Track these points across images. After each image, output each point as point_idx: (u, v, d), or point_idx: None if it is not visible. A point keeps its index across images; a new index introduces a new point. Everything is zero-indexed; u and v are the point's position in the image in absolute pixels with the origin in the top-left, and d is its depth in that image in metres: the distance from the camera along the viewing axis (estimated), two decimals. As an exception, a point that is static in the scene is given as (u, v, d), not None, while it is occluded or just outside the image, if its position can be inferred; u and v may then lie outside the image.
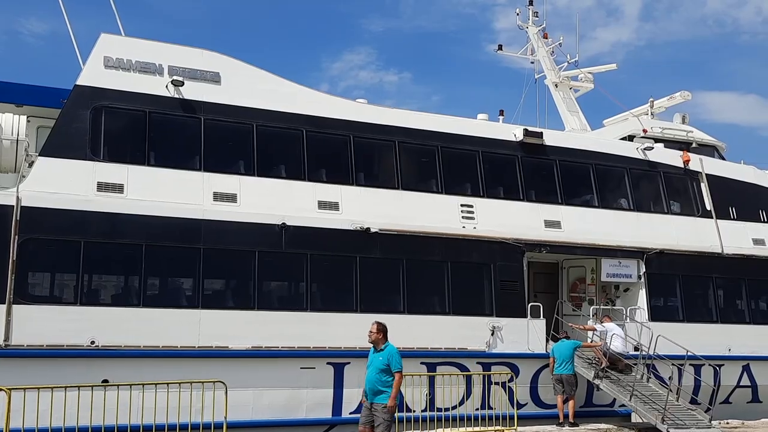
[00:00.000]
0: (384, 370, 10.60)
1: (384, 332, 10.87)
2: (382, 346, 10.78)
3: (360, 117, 18.07)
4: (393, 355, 10.67)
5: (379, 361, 10.68)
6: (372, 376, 10.68)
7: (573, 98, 24.76)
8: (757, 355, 20.64)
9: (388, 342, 10.86)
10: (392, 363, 10.60)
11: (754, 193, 22.85)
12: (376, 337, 10.82)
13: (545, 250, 19.14)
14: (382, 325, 10.91)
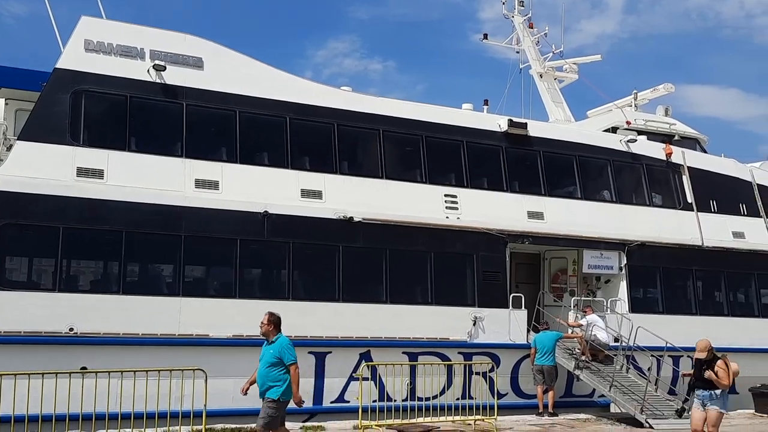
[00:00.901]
0: (275, 364, 9.83)
1: (276, 324, 10.07)
2: (273, 338, 9.97)
3: (344, 105, 17.96)
4: (285, 347, 9.86)
5: (269, 354, 9.90)
6: (262, 371, 9.92)
7: (557, 89, 24.80)
8: (735, 346, 20.78)
9: (280, 334, 10.06)
10: (284, 356, 9.82)
11: (735, 187, 23.02)
12: (267, 329, 10.01)
13: (528, 241, 19.18)
14: (275, 316, 10.13)
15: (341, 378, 16.30)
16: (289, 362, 9.80)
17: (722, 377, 10.68)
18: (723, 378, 10.68)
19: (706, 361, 10.81)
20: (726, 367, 10.73)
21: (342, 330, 16.40)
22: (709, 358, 10.86)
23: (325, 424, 14.25)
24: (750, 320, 21.63)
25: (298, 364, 9.91)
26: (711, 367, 10.72)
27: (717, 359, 10.82)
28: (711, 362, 10.79)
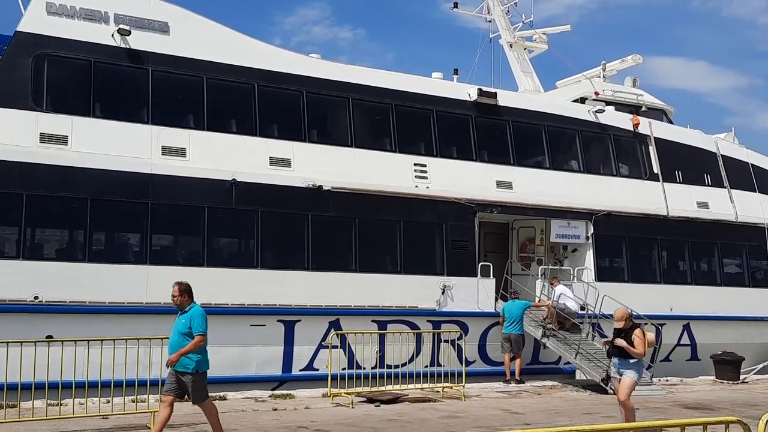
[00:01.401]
0: (187, 334, 9.35)
1: (188, 293, 9.59)
2: (187, 308, 9.53)
3: (313, 72, 17.79)
4: (195, 316, 9.38)
5: (182, 324, 9.43)
6: (173, 341, 9.45)
7: (527, 59, 24.82)
8: (698, 314, 21.27)
9: (194, 303, 9.61)
10: (194, 325, 9.32)
11: (700, 158, 23.33)
12: (180, 300, 9.52)
13: (496, 211, 19.29)
14: (185, 285, 9.63)
15: (310, 346, 16.34)
16: (196, 332, 9.30)
17: (637, 346, 10.58)
18: (638, 347, 10.58)
19: (624, 330, 10.72)
20: (642, 337, 10.66)
21: (311, 299, 16.42)
22: (627, 327, 10.76)
23: (294, 392, 14.29)
24: (712, 289, 22.05)
25: (205, 337, 9.38)
26: (628, 336, 10.63)
27: (635, 328, 10.74)
28: (629, 331, 10.70)
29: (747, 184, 23.76)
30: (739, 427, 5.39)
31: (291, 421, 11.77)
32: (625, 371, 10.70)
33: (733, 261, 23.02)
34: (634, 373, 10.69)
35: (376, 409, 13.21)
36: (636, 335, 10.61)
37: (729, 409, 13.83)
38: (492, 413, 13.10)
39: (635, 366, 10.70)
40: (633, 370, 10.68)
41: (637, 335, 10.61)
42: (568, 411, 13.59)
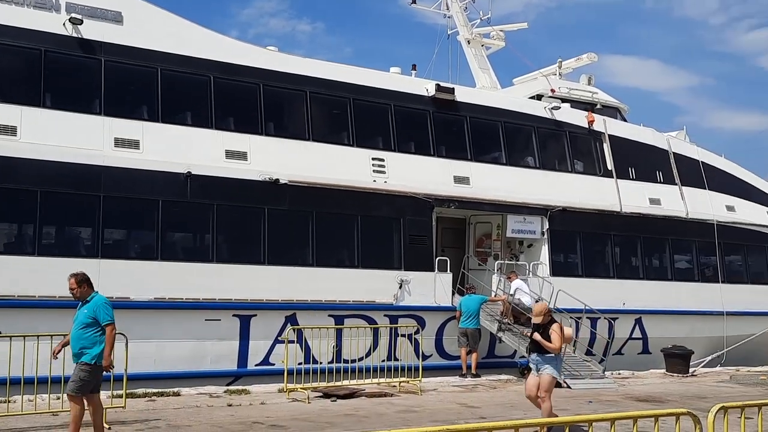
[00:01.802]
0: (90, 324, 8.95)
1: (87, 282, 9.17)
2: (88, 298, 9.12)
3: (270, 65, 17.63)
4: (100, 305, 9.00)
5: (83, 314, 9.01)
6: (75, 333, 8.99)
7: (484, 55, 24.93)
8: (649, 309, 21.67)
9: (96, 292, 9.21)
10: (99, 315, 8.95)
11: (652, 155, 23.75)
12: (79, 292, 9.10)
13: (454, 206, 19.37)
14: (81, 275, 9.21)
15: (266, 341, 16.22)
16: (105, 322, 8.93)
17: (554, 341, 10.38)
18: (554, 342, 10.38)
19: (542, 326, 10.57)
20: (559, 332, 10.46)
21: (267, 293, 16.29)
22: (546, 322, 10.60)
23: (249, 388, 14.16)
24: (664, 284, 22.48)
25: (115, 325, 9.05)
26: (546, 331, 10.46)
27: (554, 323, 10.61)
28: (547, 326, 10.53)
29: (697, 181, 24.26)
30: (689, 419, 5.48)
31: (246, 416, 11.66)
32: (542, 367, 10.53)
33: (684, 257, 23.50)
34: (552, 369, 10.54)
35: (332, 404, 13.16)
36: (553, 330, 10.48)
37: (679, 401, 14.10)
38: (448, 407, 13.15)
39: (553, 362, 10.58)
40: (551, 365, 10.54)
41: (554, 330, 10.47)
42: (523, 404, 13.65)
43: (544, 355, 10.52)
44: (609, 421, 5.41)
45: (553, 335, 10.43)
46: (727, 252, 24.10)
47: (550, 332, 10.47)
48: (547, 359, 10.53)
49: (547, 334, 10.47)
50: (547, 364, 10.51)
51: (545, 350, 10.48)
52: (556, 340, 10.40)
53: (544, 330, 10.53)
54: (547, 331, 10.49)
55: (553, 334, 10.44)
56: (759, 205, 25.72)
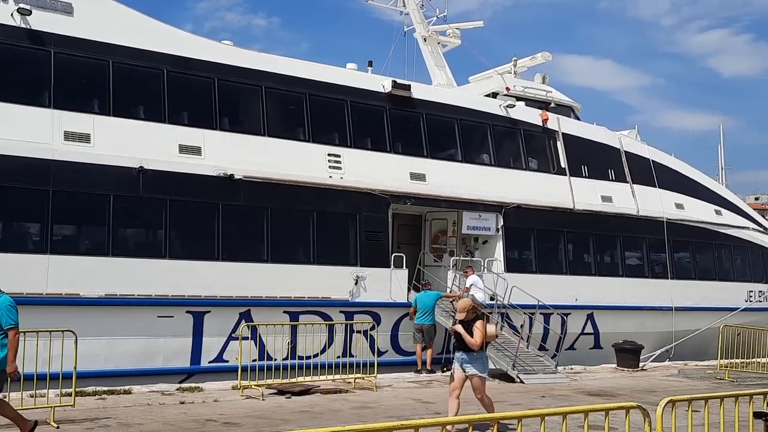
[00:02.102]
0: None
1: None
2: None
3: (225, 59, 17.45)
4: (3, 308, 8.47)
5: None
6: None
7: (441, 53, 25.05)
8: (601, 304, 22.04)
9: (1, 292, 8.77)
10: (2, 318, 8.44)
11: (604, 153, 24.15)
12: None
13: (410, 202, 19.44)
14: None
15: (220, 338, 16.07)
16: (7, 326, 8.43)
17: (475, 337, 10.04)
18: (476, 338, 10.03)
19: (467, 322, 10.21)
20: (483, 329, 10.10)
21: (221, 289, 16.14)
22: (470, 319, 10.24)
23: (202, 385, 14.00)
24: (615, 280, 22.89)
25: (18, 329, 8.58)
26: (470, 328, 10.12)
27: (478, 319, 10.26)
28: (471, 323, 10.19)
29: (648, 179, 24.74)
30: (639, 412, 5.57)
31: (199, 414, 11.52)
32: (467, 366, 10.23)
33: (634, 253, 23.96)
34: (480, 366, 10.27)
35: (287, 400, 13.09)
36: (476, 327, 10.16)
37: (629, 395, 14.35)
38: (403, 403, 13.19)
39: (478, 360, 10.27)
40: (477, 364, 10.24)
41: (476, 327, 10.16)
42: (478, 400, 13.80)
43: (470, 354, 10.22)
44: (561, 416, 5.48)
45: (475, 332, 10.12)
46: (676, 249, 24.64)
47: (473, 329, 10.16)
48: (473, 358, 10.23)
49: (470, 330, 10.17)
50: (472, 363, 10.22)
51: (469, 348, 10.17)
52: (477, 336, 10.08)
53: (468, 327, 10.24)
54: (470, 328, 10.19)
55: (476, 330, 10.12)
56: (706, 203, 26.38)
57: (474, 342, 10.07)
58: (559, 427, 5.44)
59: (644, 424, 5.62)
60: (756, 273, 26.96)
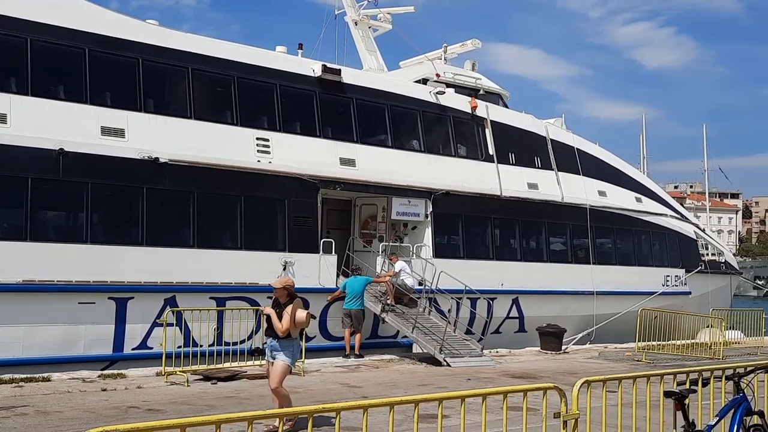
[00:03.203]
0: None
1: None
2: None
3: (151, 40, 17.00)
4: None
5: None
6: None
7: (372, 37, 25.03)
8: (525, 289, 22.52)
9: None
10: None
11: (531, 141, 24.60)
12: None
13: (339, 188, 19.39)
14: None
15: (144, 324, 15.75)
16: None
17: (283, 322, 9.12)
18: (284, 323, 9.11)
19: (281, 304, 9.32)
20: (292, 314, 9.21)
21: (146, 275, 15.81)
22: (285, 301, 9.35)
23: (126, 372, 13.72)
24: (539, 265, 23.41)
25: None
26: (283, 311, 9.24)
27: (292, 302, 9.35)
28: (286, 305, 9.28)
29: (572, 167, 25.33)
30: (556, 392, 5.73)
31: (122, 401, 11.31)
32: (276, 354, 9.34)
33: (559, 239, 24.54)
34: (288, 355, 9.38)
35: (212, 386, 12.97)
36: (285, 311, 9.23)
37: (551, 377, 14.74)
38: (331, 387, 13.23)
39: (288, 348, 9.35)
40: (285, 352, 9.34)
41: (286, 311, 9.23)
42: (405, 383, 13.97)
43: (280, 340, 9.28)
44: (481, 397, 5.58)
45: (284, 317, 9.17)
46: (598, 235, 25.35)
47: (283, 312, 9.21)
48: (283, 345, 9.31)
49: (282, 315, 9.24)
50: (282, 350, 9.33)
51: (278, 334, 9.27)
52: (285, 321, 9.13)
53: (282, 309, 9.32)
54: (283, 311, 9.26)
55: (285, 315, 9.19)
56: (628, 191, 27.21)
57: (279, 327, 9.17)
58: (481, 409, 5.55)
59: (561, 404, 5.78)
60: (673, 258, 28.00)
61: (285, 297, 9.43)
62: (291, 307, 9.26)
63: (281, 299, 9.42)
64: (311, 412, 4.70)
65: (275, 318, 9.24)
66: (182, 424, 4.12)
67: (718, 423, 6.35)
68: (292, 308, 9.25)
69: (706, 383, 6.66)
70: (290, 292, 9.50)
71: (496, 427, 5.71)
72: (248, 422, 4.45)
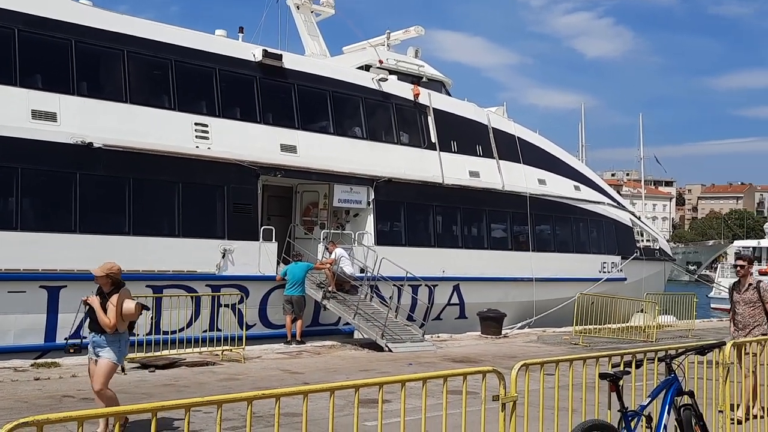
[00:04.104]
0: None
1: None
2: None
3: (85, 21, 16.49)
4: None
5: None
6: None
7: (314, 22, 24.78)
8: (466, 276, 22.72)
9: None
10: None
11: (473, 129, 24.76)
12: None
13: (280, 174, 19.19)
14: None
15: (79, 313, 15.28)
16: None
17: (109, 314, 7.96)
18: (109, 316, 7.96)
19: (105, 294, 8.15)
20: (119, 305, 8.04)
21: (79, 263, 15.32)
22: (109, 289, 8.15)
23: (60, 361, 13.33)
24: (480, 252, 23.63)
25: None
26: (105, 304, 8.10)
27: (118, 291, 8.16)
28: (110, 294, 8.13)
29: (513, 155, 25.62)
30: (495, 375, 5.76)
31: (56, 390, 10.99)
32: (100, 350, 8.14)
33: (499, 226, 24.82)
34: (112, 353, 8.15)
35: (150, 374, 12.72)
36: (110, 302, 8.07)
37: (491, 361, 14.90)
38: (271, 374, 13.11)
39: (114, 343, 8.13)
40: (111, 348, 8.13)
41: (111, 302, 8.06)
42: (347, 369, 13.95)
43: (105, 336, 8.10)
44: (421, 381, 5.57)
45: (109, 308, 8.03)
46: (538, 222, 25.73)
47: (108, 304, 8.08)
48: (109, 340, 8.11)
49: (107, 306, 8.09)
50: (108, 346, 8.13)
51: (103, 329, 8.09)
52: (111, 314, 8.00)
53: (106, 299, 8.17)
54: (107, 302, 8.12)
55: (110, 306, 8.03)
56: (567, 179, 27.66)
57: (105, 320, 8.02)
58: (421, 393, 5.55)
59: (499, 387, 5.81)
60: (610, 246, 28.62)
61: (109, 286, 8.19)
62: (116, 298, 8.09)
63: (104, 288, 8.20)
64: (250, 398, 4.61)
65: (99, 310, 8.04)
66: (117, 412, 3.99)
67: (650, 403, 6.48)
68: (118, 299, 8.09)
69: (640, 365, 6.79)
70: (115, 280, 8.24)
71: (436, 411, 5.70)
72: (185, 409, 4.33)
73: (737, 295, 10.11)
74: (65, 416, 3.80)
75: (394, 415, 5.98)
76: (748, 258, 10.41)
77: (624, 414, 6.08)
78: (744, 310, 9.99)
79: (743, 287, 10.07)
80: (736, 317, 10.12)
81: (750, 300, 9.95)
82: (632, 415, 6.13)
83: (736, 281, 10.38)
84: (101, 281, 8.21)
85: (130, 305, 8.18)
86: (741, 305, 10.05)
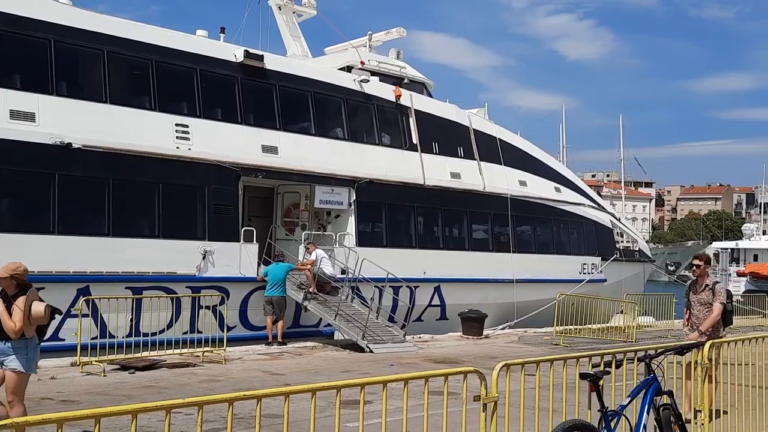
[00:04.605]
0: None
1: None
2: None
3: (64, 20, 16.34)
4: None
5: None
6: None
7: (296, 23, 24.72)
8: (447, 277, 22.77)
9: None
10: None
11: (454, 131, 24.83)
12: None
13: (261, 175, 19.13)
14: None
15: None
16: None
17: (14, 318, 7.36)
18: (15, 320, 7.37)
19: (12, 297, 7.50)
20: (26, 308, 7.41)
21: (57, 264, 15.23)
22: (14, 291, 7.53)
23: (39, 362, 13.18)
24: (461, 253, 23.70)
25: None
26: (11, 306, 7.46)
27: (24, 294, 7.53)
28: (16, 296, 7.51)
29: (494, 157, 25.71)
30: (476, 376, 5.78)
31: (34, 392, 10.84)
32: (6, 359, 7.46)
33: (480, 227, 24.90)
34: (18, 363, 7.46)
35: (130, 376, 12.64)
36: (16, 305, 7.42)
37: (472, 361, 14.94)
38: (253, 375, 13.07)
39: (21, 350, 7.47)
40: (18, 356, 7.46)
41: (17, 305, 7.42)
42: (328, 370, 13.93)
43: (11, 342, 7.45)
44: (403, 382, 5.58)
45: (14, 312, 7.38)
46: (518, 224, 25.84)
47: (13, 307, 7.42)
48: (15, 347, 7.45)
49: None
50: (15, 353, 7.46)
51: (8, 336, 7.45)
52: (16, 317, 7.36)
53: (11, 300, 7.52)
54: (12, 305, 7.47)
55: (16, 309, 7.38)
56: (547, 181, 27.82)
57: (11, 326, 7.38)
58: (403, 393, 5.56)
59: (481, 387, 5.84)
60: (590, 247, 28.81)
61: (14, 288, 7.55)
62: (23, 300, 7.45)
63: (9, 291, 7.56)
64: (231, 399, 4.59)
65: (4, 313, 7.42)
66: (97, 414, 3.96)
67: (630, 403, 6.53)
68: (24, 301, 7.45)
69: (620, 365, 6.84)
70: (20, 281, 7.62)
71: (418, 412, 5.72)
72: (166, 411, 4.31)
73: (693, 295, 9.96)
74: (43, 419, 3.77)
75: (376, 416, 5.98)
76: (705, 258, 10.23)
77: (604, 414, 6.13)
78: (699, 311, 9.83)
79: (700, 288, 9.90)
80: (692, 318, 9.96)
81: (706, 301, 9.79)
82: (612, 414, 6.18)
83: (692, 281, 10.19)
84: (5, 283, 7.57)
85: (39, 308, 7.54)
86: (696, 306, 9.88)
